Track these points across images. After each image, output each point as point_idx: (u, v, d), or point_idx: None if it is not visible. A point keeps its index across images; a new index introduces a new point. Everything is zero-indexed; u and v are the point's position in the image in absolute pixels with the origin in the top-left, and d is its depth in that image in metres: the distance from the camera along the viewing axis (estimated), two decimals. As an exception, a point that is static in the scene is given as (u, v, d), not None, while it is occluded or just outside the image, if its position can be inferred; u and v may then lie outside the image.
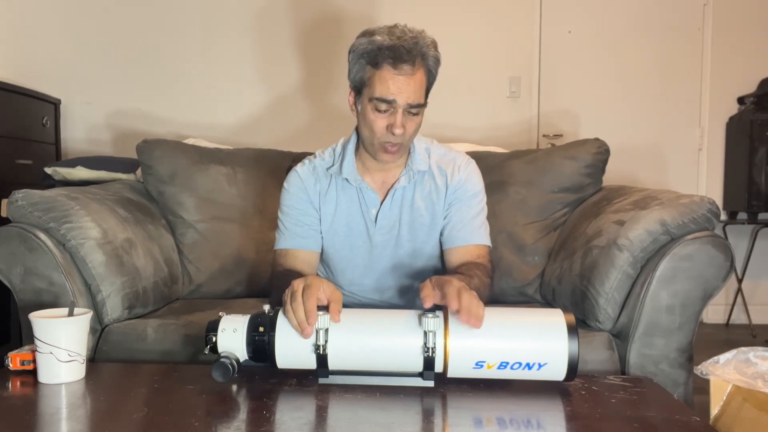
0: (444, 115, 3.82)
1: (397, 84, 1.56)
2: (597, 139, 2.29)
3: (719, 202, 4.20)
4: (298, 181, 1.76)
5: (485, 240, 1.75)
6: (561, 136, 4.09)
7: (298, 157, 2.28)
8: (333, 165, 1.76)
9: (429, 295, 1.27)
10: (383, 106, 1.57)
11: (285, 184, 1.79)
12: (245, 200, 2.35)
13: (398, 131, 1.57)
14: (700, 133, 4.23)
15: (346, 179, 1.73)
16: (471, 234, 1.73)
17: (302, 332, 1.24)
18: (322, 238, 1.77)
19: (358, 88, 1.64)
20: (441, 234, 1.77)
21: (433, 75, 1.64)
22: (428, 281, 1.32)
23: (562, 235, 2.17)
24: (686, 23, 4.17)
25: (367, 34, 1.60)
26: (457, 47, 3.97)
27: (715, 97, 4.19)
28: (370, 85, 1.59)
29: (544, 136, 4.11)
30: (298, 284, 1.30)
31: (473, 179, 1.78)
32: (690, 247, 1.66)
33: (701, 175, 4.26)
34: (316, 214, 1.75)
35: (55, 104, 3.81)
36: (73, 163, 2.98)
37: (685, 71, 4.18)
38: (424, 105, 1.62)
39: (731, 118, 4.20)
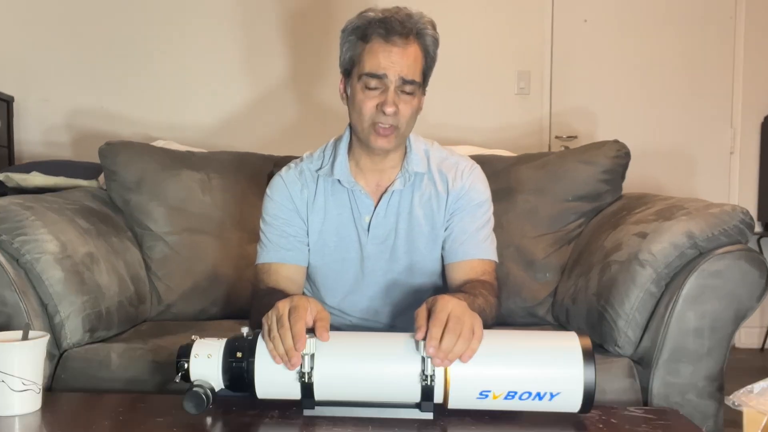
0: (445, 114, 3.83)
1: (388, 57, 1.58)
2: (616, 142, 2.30)
3: (753, 211, 4.21)
4: (283, 188, 1.76)
5: (491, 255, 1.75)
6: (575, 137, 4.10)
7: (280, 162, 2.28)
8: (322, 166, 1.76)
9: (422, 327, 1.25)
10: (373, 82, 1.60)
11: (268, 191, 1.79)
12: (221, 210, 2.35)
13: (389, 109, 1.58)
14: (732, 135, 4.25)
15: (338, 181, 1.73)
16: (475, 248, 1.73)
17: (289, 361, 1.22)
18: (309, 250, 1.76)
19: (348, 70, 1.68)
20: (442, 247, 1.77)
21: (432, 56, 1.67)
22: (423, 306, 1.30)
23: (577, 248, 2.18)
24: (716, 11, 4.19)
25: (360, 13, 1.65)
26: (461, 38, 3.98)
27: (748, 94, 4.21)
28: (360, 62, 1.62)
29: (556, 137, 4.13)
30: (283, 307, 1.28)
31: (478, 187, 1.78)
32: (720, 262, 1.67)
33: (733, 181, 4.28)
34: (302, 224, 1.75)
35: (8, 102, 3.80)
36: (27, 168, 2.98)
37: (715, 65, 4.20)
38: (420, 85, 1.64)
39: (767, 118, 4.22)
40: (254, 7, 4.01)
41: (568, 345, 1.27)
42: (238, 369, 1.28)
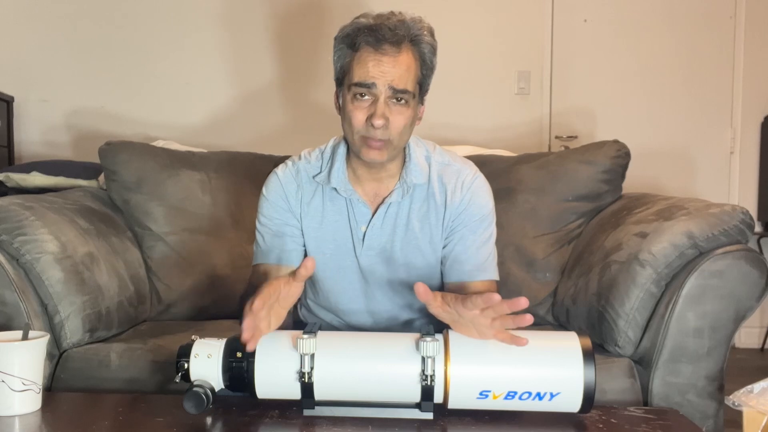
0: (444, 114, 3.83)
1: (378, 66, 1.51)
2: (616, 141, 2.30)
3: (753, 211, 4.21)
4: (278, 188, 1.71)
5: (493, 274, 1.69)
6: (575, 137, 4.10)
7: (280, 162, 2.27)
8: (320, 172, 1.70)
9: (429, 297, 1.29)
10: (362, 91, 1.52)
11: (263, 190, 1.74)
12: (220, 210, 2.35)
13: (378, 122, 1.50)
14: (732, 135, 4.24)
15: (335, 189, 1.67)
16: (476, 269, 1.67)
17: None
18: (305, 254, 1.72)
19: (340, 80, 1.61)
20: (442, 263, 1.72)
21: (428, 64, 1.59)
22: (438, 295, 1.31)
23: (577, 248, 2.18)
24: (716, 10, 4.18)
25: (353, 19, 1.58)
26: (460, 38, 3.98)
27: (748, 94, 4.21)
28: (349, 72, 1.55)
29: (556, 137, 4.13)
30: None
31: (480, 200, 1.70)
32: (720, 262, 1.67)
33: (733, 181, 4.27)
34: (297, 224, 1.70)
35: (8, 102, 3.80)
36: (28, 168, 2.98)
37: (715, 64, 4.20)
38: (413, 95, 1.56)
39: (767, 118, 4.22)
40: (247, 9, 4.01)
41: (568, 345, 1.27)
42: (238, 369, 1.28)
